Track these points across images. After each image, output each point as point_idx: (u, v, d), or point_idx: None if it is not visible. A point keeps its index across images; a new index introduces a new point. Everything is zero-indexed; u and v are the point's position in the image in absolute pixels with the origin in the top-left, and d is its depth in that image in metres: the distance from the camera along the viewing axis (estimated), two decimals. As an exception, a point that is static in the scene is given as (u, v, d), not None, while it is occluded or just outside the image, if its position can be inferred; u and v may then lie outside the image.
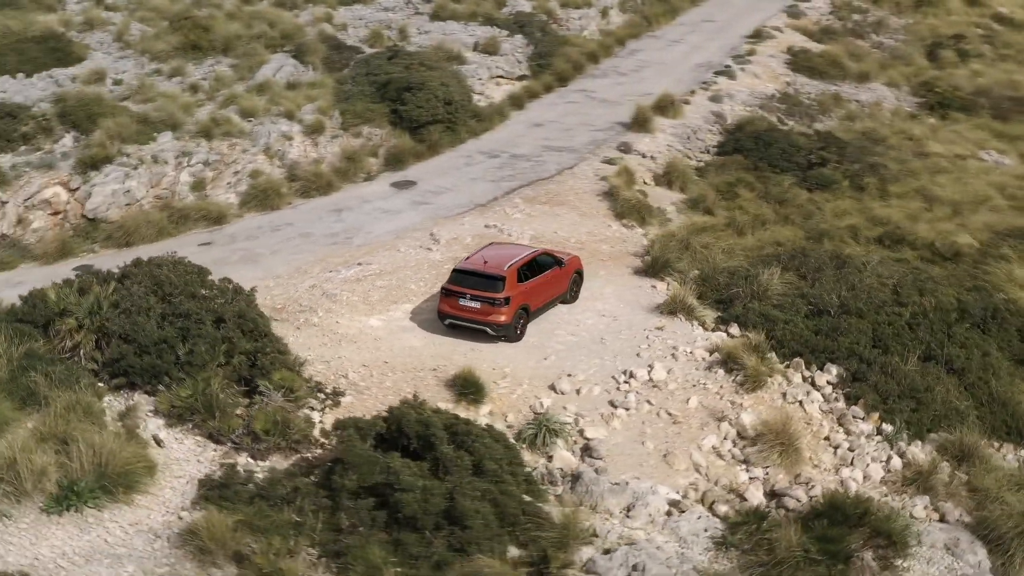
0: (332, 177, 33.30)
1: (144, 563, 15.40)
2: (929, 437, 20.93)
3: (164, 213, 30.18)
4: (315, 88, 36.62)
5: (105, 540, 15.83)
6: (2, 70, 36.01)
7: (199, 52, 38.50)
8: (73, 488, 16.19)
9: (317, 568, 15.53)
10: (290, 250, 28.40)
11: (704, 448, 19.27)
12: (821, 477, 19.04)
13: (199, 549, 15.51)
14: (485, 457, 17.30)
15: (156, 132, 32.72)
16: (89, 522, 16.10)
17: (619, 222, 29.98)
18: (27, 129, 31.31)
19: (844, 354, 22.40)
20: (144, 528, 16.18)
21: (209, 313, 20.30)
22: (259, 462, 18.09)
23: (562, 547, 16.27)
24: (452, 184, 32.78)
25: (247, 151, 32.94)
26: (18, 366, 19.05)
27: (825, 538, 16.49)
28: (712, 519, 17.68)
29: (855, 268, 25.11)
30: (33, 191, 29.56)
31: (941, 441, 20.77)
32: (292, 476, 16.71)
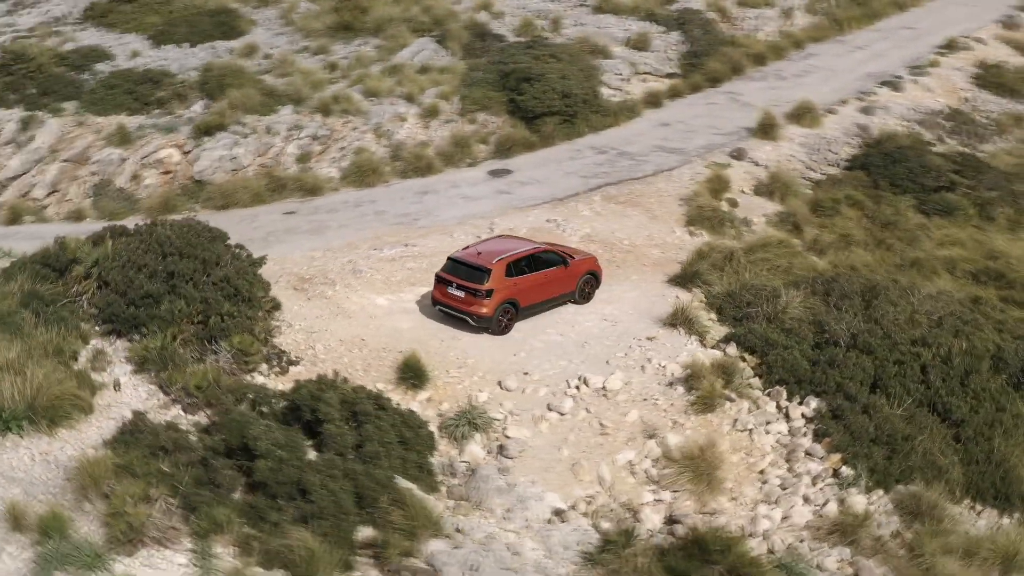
0: (435, 160, 34.26)
1: (32, 488, 16.99)
2: (896, 488, 19.38)
3: (263, 181, 32.23)
4: (444, 73, 37.72)
5: (11, 464, 17.55)
6: (171, 40, 39.43)
7: (350, 32, 40.49)
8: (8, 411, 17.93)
9: (171, 517, 16.55)
10: (357, 226, 29.68)
11: (618, 463, 18.84)
12: (733, 510, 18.16)
13: (81, 485, 16.92)
14: (370, 439, 17.73)
15: (279, 105, 34.85)
16: (6, 446, 17.87)
17: (686, 229, 29.24)
18: (164, 94, 34.22)
19: (832, 388, 21.06)
20: (51, 459, 17.80)
21: (196, 274, 21.72)
22: (188, 416, 19.36)
23: (410, 536, 16.45)
24: (544, 176, 32.99)
25: (357, 128, 34.49)
26: (20, 302, 21.22)
27: (674, 570, 15.84)
28: (591, 533, 17.28)
29: (888, 300, 23.36)
30: (150, 151, 32.42)
31: (906, 494, 19.21)
32: (177, 430, 17.76)
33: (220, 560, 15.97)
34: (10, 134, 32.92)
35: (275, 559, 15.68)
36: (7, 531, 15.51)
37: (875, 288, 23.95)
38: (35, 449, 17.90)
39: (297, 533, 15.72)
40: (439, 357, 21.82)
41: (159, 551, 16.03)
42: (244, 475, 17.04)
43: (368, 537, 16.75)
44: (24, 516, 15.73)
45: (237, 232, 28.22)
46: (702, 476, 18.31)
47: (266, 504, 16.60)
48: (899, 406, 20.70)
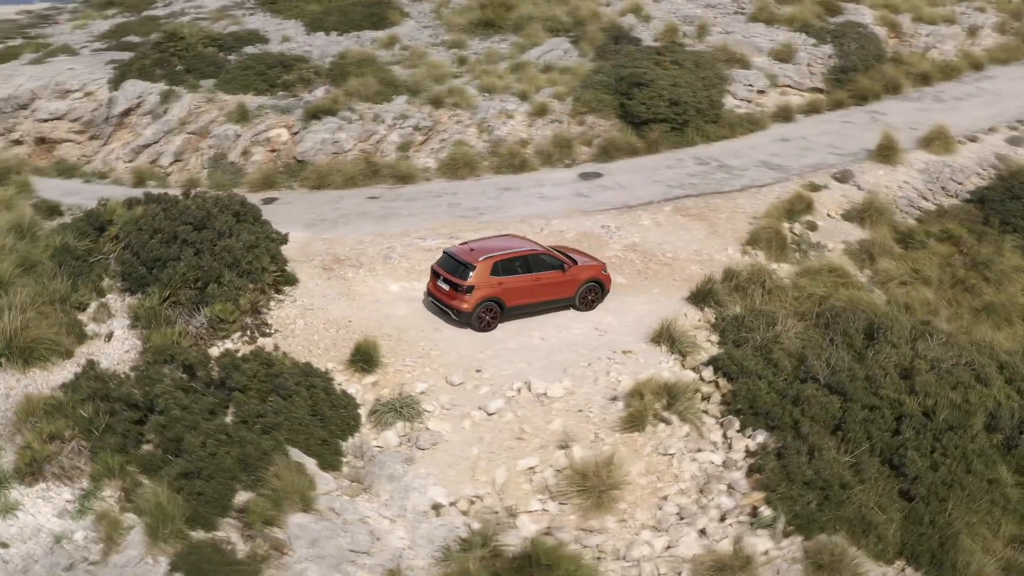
0: (533, 159, 34.85)
1: (-20, 417, 19.23)
2: (818, 537, 18.47)
3: (360, 166, 33.94)
4: (565, 73, 38.12)
5: (-25, 392, 19.89)
6: (323, 27, 41.98)
7: (491, 29, 41.58)
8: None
9: (79, 458, 18.30)
10: (424, 215, 30.79)
11: (517, 468, 18.92)
12: (616, 532, 17.88)
13: (17, 419, 19.02)
14: (278, 411, 18.82)
15: (395, 95, 36.46)
16: (-22, 377, 20.23)
17: (741, 248, 28.42)
18: (290, 78, 36.60)
19: (787, 425, 20.23)
20: (11, 394, 20.01)
21: (205, 243, 23.56)
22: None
23: (276, 506, 17.42)
24: (630, 183, 32.91)
25: (461, 122, 35.55)
26: (51, 254, 23.79)
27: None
28: (460, 531, 17.63)
29: (889, 341, 21.99)
30: (262, 129, 34.85)
31: (825, 544, 18.30)
32: (107, 380, 19.46)
33: (102, 502, 17.43)
34: (151, 106, 36.23)
35: (139, 507, 16.93)
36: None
37: (879, 327, 22.38)
38: (2, 383, 19.99)
39: (159, 487, 16.90)
40: (407, 346, 22.50)
41: (56, 486, 17.75)
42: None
43: (243, 501, 17.72)
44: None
45: (316, 211, 30.28)
46: (592, 492, 18.02)
47: (159, 458, 17.90)
48: (850, 452, 19.41)
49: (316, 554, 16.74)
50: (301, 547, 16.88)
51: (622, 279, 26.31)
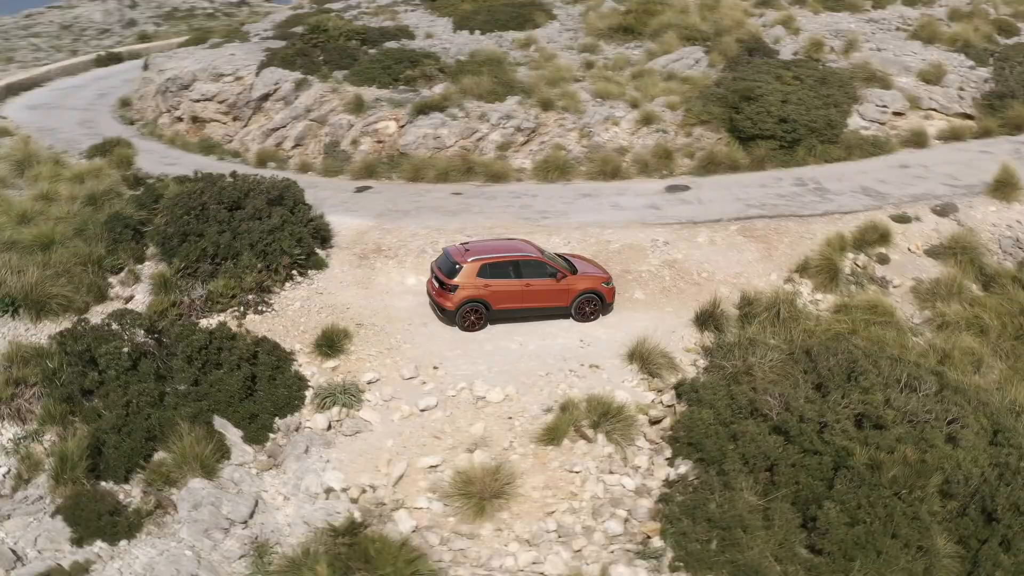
0: (629, 167, 34.81)
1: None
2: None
3: (456, 162, 35.05)
4: (685, 83, 37.61)
5: (-19, 335, 22.53)
6: (468, 26, 43.37)
7: (629, 35, 41.51)
8: (3, 297, 23.02)
9: (37, 403, 20.45)
10: (491, 214, 31.51)
11: (417, 465, 19.42)
12: (488, 540, 18.08)
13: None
14: (208, 382, 20.29)
15: (509, 95, 37.26)
16: (-10, 323, 22.90)
17: (787, 275, 27.36)
18: (413, 73, 38.21)
19: (715, 459, 19.72)
20: (13, 340, 22.51)
21: (231, 223, 25.45)
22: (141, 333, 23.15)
23: (178, 468, 18.89)
24: (711, 199, 32.25)
25: (564, 125, 35.92)
26: (105, 221, 26.42)
27: (333, 564, 16.69)
28: (339, 516, 18.43)
29: (860, 387, 20.79)
30: (372, 121, 36.63)
31: (707, 585, 17.86)
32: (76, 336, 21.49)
33: (38, 444, 19.45)
34: (284, 92, 38.82)
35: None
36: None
37: (858, 369, 21.10)
38: (9, 329, 22.53)
39: (73, 438, 18.67)
40: (384, 336, 23.37)
41: (9, 425, 19.89)
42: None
43: (160, 458, 19.25)
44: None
45: (396, 202, 31.66)
46: (473, 498, 18.26)
47: (91, 409, 19.71)
48: (766, 496, 18.64)
49: (194, 517, 17.89)
50: (184, 509, 18.09)
51: (641, 294, 25.93)
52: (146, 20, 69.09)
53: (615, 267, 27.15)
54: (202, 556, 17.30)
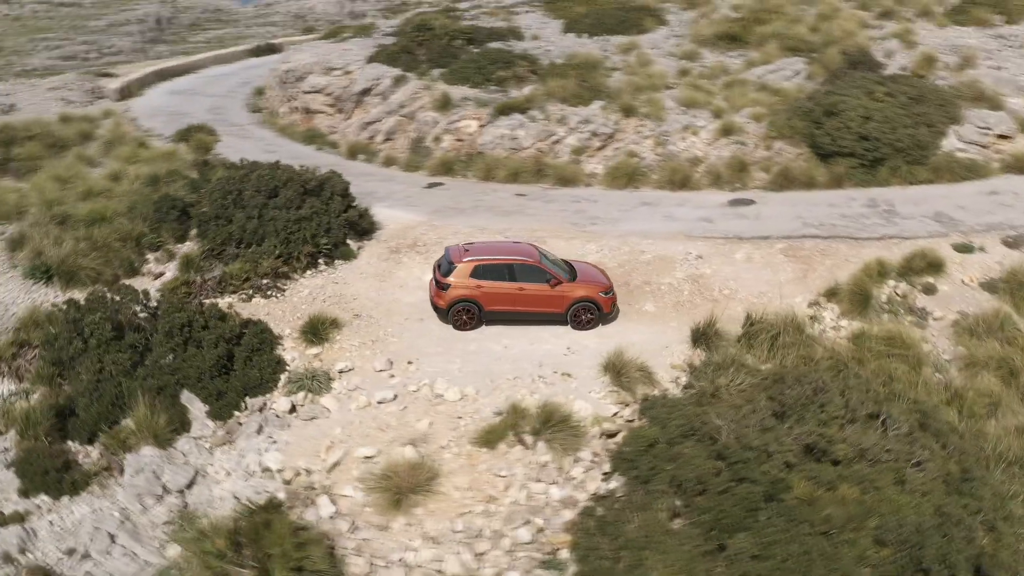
0: (700, 178, 34.41)
1: (4, 317, 24.04)
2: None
3: (529, 163, 35.56)
4: (776, 95, 36.75)
5: (7, 295, 24.68)
6: (576, 29, 43.75)
7: (732, 43, 40.77)
8: (39, 265, 25.18)
9: (34, 364, 22.37)
10: (544, 217, 31.75)
11: (353, 454, 20.09)
12: (397, 534, 18.57)
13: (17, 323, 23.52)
14: (182, 358, 21.67)
15: (594, 99, 37.43)
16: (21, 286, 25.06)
17: (814, 298, 26.54)
18: (504, 75, 38.90)
19: (646, 477, 19.65)
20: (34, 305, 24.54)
21: (262, 210, 26.90)
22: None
23: (134, 435, 20.35)
24: (770, 216, 31.50)
25: (641, 132, 35.81)
26: (155, 201, 28.35)
27: (231, 536, 17.62)
28: (265, 496, 19.42)
29: (817, 419, 20.12)
30: (455, 119, 37.55)
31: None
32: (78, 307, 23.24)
33: (24, 401, 21.32)
34: (383, 88, 40.21)
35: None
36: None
37: (822, 401, 20.36)
38: (41, 295, 24.64)
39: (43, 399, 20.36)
40: (375, 328, 24.15)
41: (6, 381, 21.88)
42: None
43: (126, 426, 20.75)
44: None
45: (458, 199, 32.57)
46: (390, 491, 18.79)
47: (76, 373, 21.40)
48: (689, 520, 18.41)
49: (132, 482, 19.20)
50: (128, 473, 19.41)
51: (652, 307, 25.69)
52: (374, 12, 72.16)
53: (638, 278, 26.92)
54: (129, 518, 18.50)
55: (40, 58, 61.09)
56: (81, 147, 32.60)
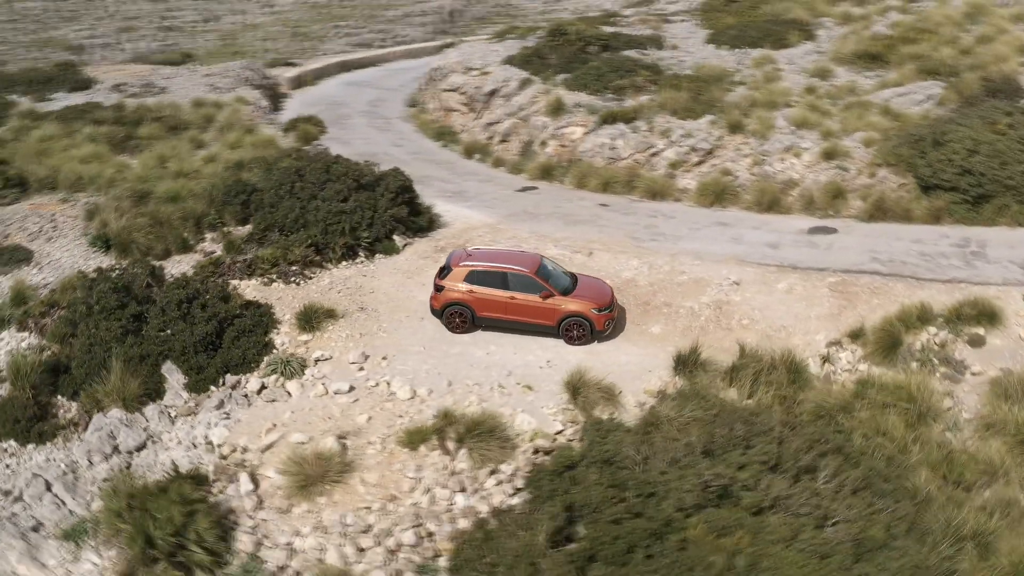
0: (792, 202, 33.33)
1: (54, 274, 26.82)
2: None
3: (622, 174, 35.60)
4: (897, 120, 34.90)
5: (59, 260, 27.43)
6: (719, 41, 42.98)
7: (872, 62, 38.85)
8: (101, 235, 27.91)
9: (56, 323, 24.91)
10: (609, 228, 31.61)
11: (288, 439, 21.17)
12: (295, 516, 19.54)
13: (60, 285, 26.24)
14: (175, 332, 23.58)
15: (706, 113, 36.89)
16: (82, 251, 27.81)
17: (835, 337, 25.31)
18: (623, 83, 38.96)
19: (544, 497, 19.81)
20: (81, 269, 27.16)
21: (307, 198, 28.61)
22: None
23: (108, 397, 22.43)
24: (845, 247, 29.93)
25: (740, 151, 34.99)
26: (228, 184, 30.62)
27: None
28: (198, 466, 20.98)
29: (734, 462, 19.47)
30: (562, 125, 38.01)
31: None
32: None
33: (38, 352, 23.81)
34: (509, 90, 41.08)
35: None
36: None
37: (747, 444, 19.63)
38: (96, 261, 27.30)
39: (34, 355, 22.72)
40: (370, 322, 25.09)
41: (31, 335, 24.50)
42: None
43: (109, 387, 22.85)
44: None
45: (542, 205, 33.45)
46: (299, 478, 19.77)
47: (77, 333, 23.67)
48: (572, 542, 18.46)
49: (88, 439, 21.15)
50: (90, 431, 21.37)
51: (658, 329, 25.29)
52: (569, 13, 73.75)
53: (661, 298, 26.47)
54: (75, 472, 20.35)
55: (335, 44, 66.07)
56: (198, 131, 35.26)
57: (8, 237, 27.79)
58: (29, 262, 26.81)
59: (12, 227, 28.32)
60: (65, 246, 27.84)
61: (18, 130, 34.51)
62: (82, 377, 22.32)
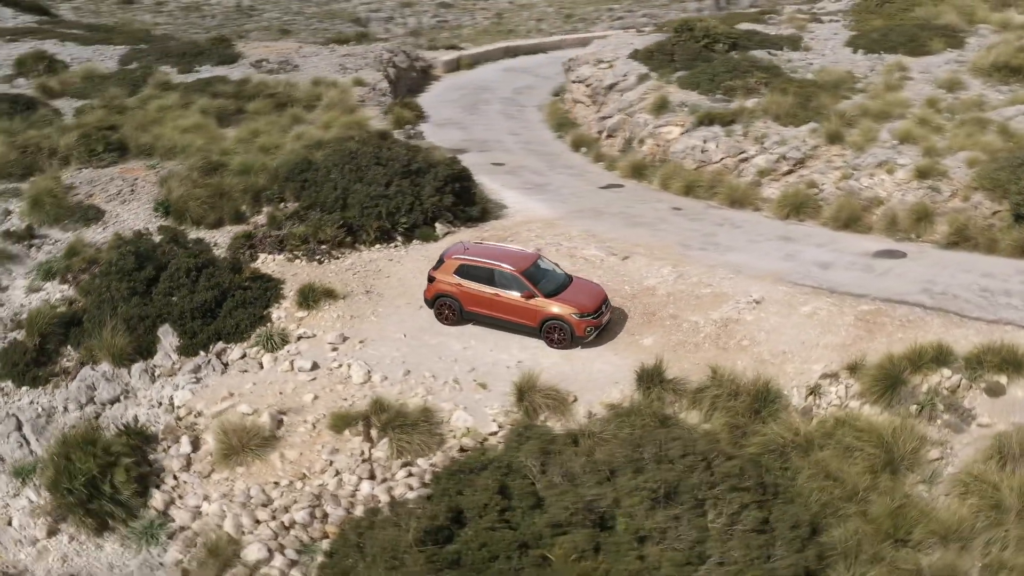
0: (874, 220, 31.55)
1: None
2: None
3: (703, 177, 34.79)
4: (1011, 140, 32.23)
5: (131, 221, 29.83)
6: (858, 45, 40.85)
7: (1013, 75, 35.92)
8: (163, 202, 30.18)
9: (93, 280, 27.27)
10: (665, 233, 30.53)
11: (237, 408, 22.29)
12: (212, 482, 20.77)
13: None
14: (175, 298, 25.35)
15: (810, 120, 35.31)
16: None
17: (838, 370, 24.02)
18: (733, 84, 37.91)
19: (439, 496, 20.21)
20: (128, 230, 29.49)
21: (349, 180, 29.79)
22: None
23: (100, 352, 24.44)
24: (904, 274, 27.62)
25: (832, 163, 33.36)
26: (294, 161, 32.07)
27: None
28: (150, 424, 22.61)
29: (642, 488, 19.05)
30: (661, 124, 37.44)
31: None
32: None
33: (67, 305, 26.19)
34: (626, 84, 40.65)
35: (51, 312, 25.36)
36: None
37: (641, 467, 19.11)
38: (154, 225, 29.55)
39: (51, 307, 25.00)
40: (368, 306, 25.74)
41: (68, 288, 26.83)
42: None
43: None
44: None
45: (613, 204, 33.15)
46: (223, 446, 20.96)
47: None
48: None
49: (71, 387, 23.20)
50: (76, 380, 23.39)
51: (650, 341, 24.72)
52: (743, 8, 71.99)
53: (670, 310, 25.80)
54: (51, 416, 22.37)
55: (601, 27, 67.99)
56: (303, 109, 37.04)
57: (91, 197, 30.28)
58: (98, 221, 29.17)
59: (97, 188, 30.85)
60: (135, 209, 30.07)
61: (146, 99, 37.36)
62: (89, 331, 24.21)
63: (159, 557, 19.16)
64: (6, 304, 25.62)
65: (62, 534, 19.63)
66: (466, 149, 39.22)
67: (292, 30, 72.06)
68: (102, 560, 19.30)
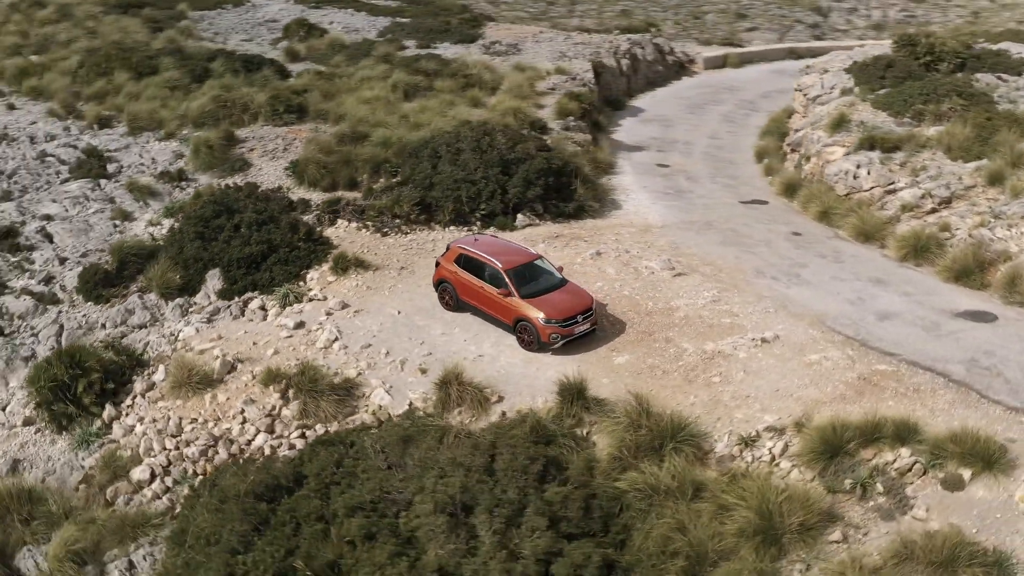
0: (992, 277, 28.49)
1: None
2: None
3: (841, 204, 32.78)
4: None
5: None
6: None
7: None
8: (293, 163, 33.75)
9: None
10: (760, 256, 28.36)
11: (213, 352, 25.18)
12: (158, 407, 23.72)
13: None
14: (232, 245, 28.78)
15: (984, 156, 31.97)
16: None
17: (786, 423, 22.77)
18: (922, 108, 34.91)
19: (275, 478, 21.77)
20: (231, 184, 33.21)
21: (440, 162, 31.66)
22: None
23: (151, 282, 28.41)
24: (966, 339, 24.30)
25: (976, 207, 30.27)
26: (423, 139, 34.33)
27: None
28: (152, 350, 26.17)
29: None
30: (829, 143, 35.43)
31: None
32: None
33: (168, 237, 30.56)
34: (829, 96, 38.49)
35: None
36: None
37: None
38: (284, 183, 33.23)
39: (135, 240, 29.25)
40: (390, 281, 26.99)
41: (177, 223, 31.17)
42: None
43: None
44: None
45: (738, 219, 32.35)
46: (174, 379, 23.89)
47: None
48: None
49: (119, 308, 27.13)
50: (121, 304, 27.38)
51: (623, 359, 24.21)
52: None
53: (669, 333, 24.82)
54: (90, 328, 26.40)
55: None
56: (483, 92, 38.90)
57: (252, 151, 34.33)
58: (241, 172, 33.12)
59: (260, 144, 34.85)
60: (277, 167, 33.71)
61: (359, 69, 41.03)
62: (154, 266, 27.96)
63: (83, 460, 22.20)
64: (124, 232, 29.97)
65: (33, 426, 23.23)
66: (643, 147, 39.16)
67: (748, 15, 72.47)
68: (49, 453, 22.71)
